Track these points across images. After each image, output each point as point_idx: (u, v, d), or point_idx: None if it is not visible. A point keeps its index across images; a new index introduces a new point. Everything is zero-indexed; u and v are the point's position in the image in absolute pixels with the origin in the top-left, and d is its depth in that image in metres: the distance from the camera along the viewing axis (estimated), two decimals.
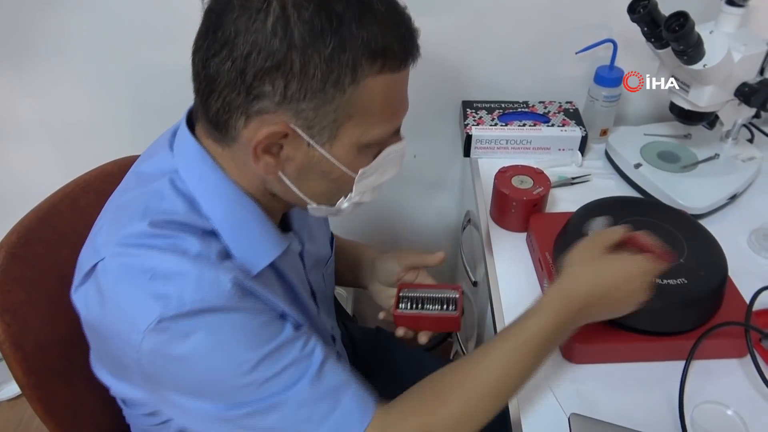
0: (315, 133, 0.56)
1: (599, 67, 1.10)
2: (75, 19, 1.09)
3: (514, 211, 0.93)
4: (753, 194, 1.04)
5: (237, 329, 0.57)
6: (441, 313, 0.83)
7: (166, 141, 0.64)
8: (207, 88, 0.55)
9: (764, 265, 0.90)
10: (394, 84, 0.57)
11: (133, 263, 0.56)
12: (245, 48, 0.51)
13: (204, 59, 0.54)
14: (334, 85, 0.53)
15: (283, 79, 0.52)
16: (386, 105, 0.58)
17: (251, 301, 0.59)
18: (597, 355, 0.76)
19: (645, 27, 0.86)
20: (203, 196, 0.60)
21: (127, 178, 0.67)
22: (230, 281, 0.56)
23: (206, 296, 0.55)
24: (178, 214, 0.59)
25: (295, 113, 0.54)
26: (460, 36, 1.12)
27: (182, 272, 0.55)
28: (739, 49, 0.86)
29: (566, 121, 1.11)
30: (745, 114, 1.00)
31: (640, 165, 1.02)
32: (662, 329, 0.74)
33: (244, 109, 0.54)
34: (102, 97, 1.20)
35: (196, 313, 0.54)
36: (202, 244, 0.57)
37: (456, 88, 1.19)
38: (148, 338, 0.54)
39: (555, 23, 1.11)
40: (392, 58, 0.55)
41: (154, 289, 0.54)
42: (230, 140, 0.58)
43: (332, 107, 0.54)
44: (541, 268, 0.86)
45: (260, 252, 0.63)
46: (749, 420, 0.69)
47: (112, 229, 0.60)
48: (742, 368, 0.75)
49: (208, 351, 0.55)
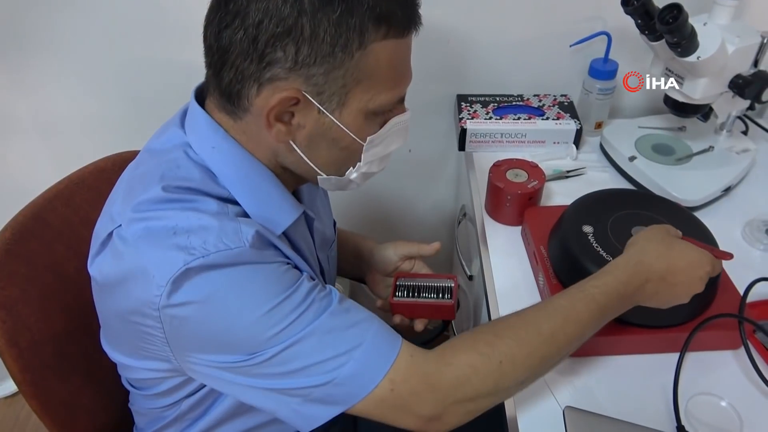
0: (325, 99, 0.58)
1: (593, 60, 1.10)
2: (68, 15, 1.08)
3: (508, 205, 0.93)
4: (747, 186, 1.04)
5: (259, 278, 0.57)
6: (436, 301, 0.84)
7: (177, 120, 0.65)
8: (220, 60, 0.57)
9: (758, 257, 0.91)
10: (398, 49, 0.59)
11: (153, 224, 0.56)
12: (257, 16, 0.53)
13: (216, 32, 0.56)
14: (342, 49, 0.55)
15: (294, 44, 0.54)
16: (391, 70, 0.60)
17: (271, 252, 0.60)
18: (592, 348, 0.76)
19: (639, 19, 0.86)
20: (218, 165, 0.62)
21: (140, 156, 0.68)
22: (252, 231, 0.57)
23: (229, 245, 0.55)
24: (195, 181, 0.60)
25: (306, 78, 0.56)
26: (454, 29, 1.12)
27: (204, 226, 0.56)
28: (732, 41, 0.86)
29: (561, 115, 1.11)
30: (740, 106, 1.00)
31: (635, 158, 1.02)
32: (656, 322, 0.74)
33: (257, 77, 0.56)
34: (96, 93, 1.19)
35: (219, 263, 0.55)
36: (220, 206, 0.59)
37: (450, 81, 1.19)
38: (172, 289, 0.54)
39: (549, 16, 1.10)
40: (396, 24, 0.57)
41: (178, 242, 0.55)
42: (242, 111, 0.59)
43: (341, 72, 0.56)
44: (536, 262, 0.86)
45: (278, 215, 0.64)
46: (743, 411, 0.69)
47: (127, 198, 0.60)
48: (737, 360, 0.76)
49: (232, 298, 0.56)
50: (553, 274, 0.81)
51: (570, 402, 0.69)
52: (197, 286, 0.54)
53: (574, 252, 0.77)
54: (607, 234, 0.79)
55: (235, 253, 0.55)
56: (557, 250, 0.81)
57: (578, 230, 0.79)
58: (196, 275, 0.54)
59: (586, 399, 0.71)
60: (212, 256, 0.54)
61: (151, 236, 0.56)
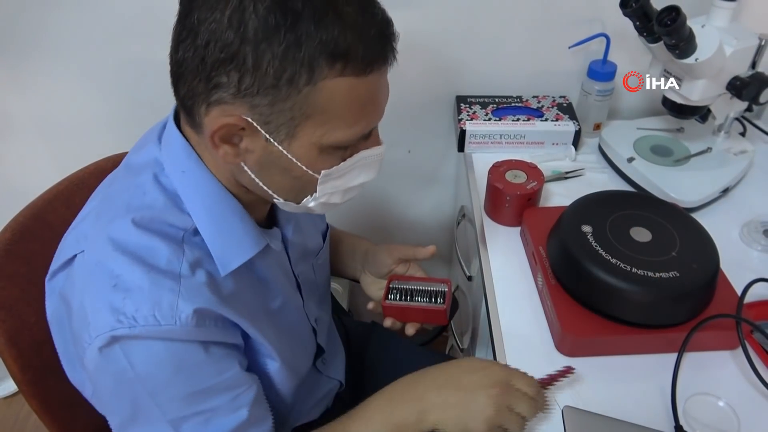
0: (272, 129, 0.55)
1: (592, 62, 1.10)
2: (68, 15, 1.08)
3: (508, 206, 0.94)
4: (745, 187, 1.04)
5: (179, 361, 0.58)
6: (428, 305, 0.83)
7: (156, 133, 0.65)
8: (177, 72, 0.55)
9: (756, 258, 0.91)
10: (359, 87, 0.55)
11: (105, 264, 0.57)
12: (205, 36, 0.51)
13: (175, 44, 0.54)
14: (288, 83, 0.52)
15: (237, 72, 0.51)
16: (350, 108, 0.56)
17: (205, 330, 0.59)
18: (590, 347, 0.76)
19: (637, 21, 0.86)
20: (185, 189, 0.61)
21: (119, 168, 0.68)
22: (189, 310, 0.57)
23: (159, 321, 0.55)
24: (158, 209, 0.60)
25: (251, 107, 0.54)
26: (453, 31, 1.12)
27: (142, 288, 0.56)
28: (730, 42, 0.86)
29: (560, 116, 1.12)
30: (737, 107, 1.00)
31: (633, 159, 1.03)
32: (655, 322, 0.75)
33: (205, 97, 0.54)
34: (95, 93, 1.19)
35: (144, 335, 0.55)
36: (174, 254, 0.58)
37: (450, 83, 1.19)
38: (94, 345, 0.55)
39: (548, 18, 1.11)
40: (355, 60, 0.53)
41: (113, 300, 0.55)
42: (197, 127, 0.58)
43: (288, 105, 0.53)
44: (534, 262, 0.86)
45: (237, 249, 0.63)
46: (741, 411, 0.70)
47: (97, 220, 0.61)
48: (734, 360, 0.76)
49: (144, 375, 0.57)
50: (552, 274, 0.81)
51: (569, 401, 0.70)
52: (116, 354, 0.56)
53: (573, 252, 0.77)
54: (606, 234, 0.79)
55: (163, 329, 0.55)
56: (556, 251, 0.82)
57: (577, 230, 0.80)
58: (118, 343, 0.55)
59: (585, 399, 0.71)
60: (139, 329, 0.55)
61: (98, 278, 0.57)
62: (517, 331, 0.81)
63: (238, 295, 0.64)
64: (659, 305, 0.73)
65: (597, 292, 0.75)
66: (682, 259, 0.76)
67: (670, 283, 0.72)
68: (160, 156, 0.63)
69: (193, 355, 0.58)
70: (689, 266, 0.74)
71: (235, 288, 0.63)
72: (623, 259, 0.75)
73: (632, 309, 0.73)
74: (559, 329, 0.75)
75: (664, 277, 0.73)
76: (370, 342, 1.08)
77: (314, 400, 0.89)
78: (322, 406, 0.91)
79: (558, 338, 0.77)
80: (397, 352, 1.07)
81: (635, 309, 0.73)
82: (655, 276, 0.73)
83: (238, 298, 0.64)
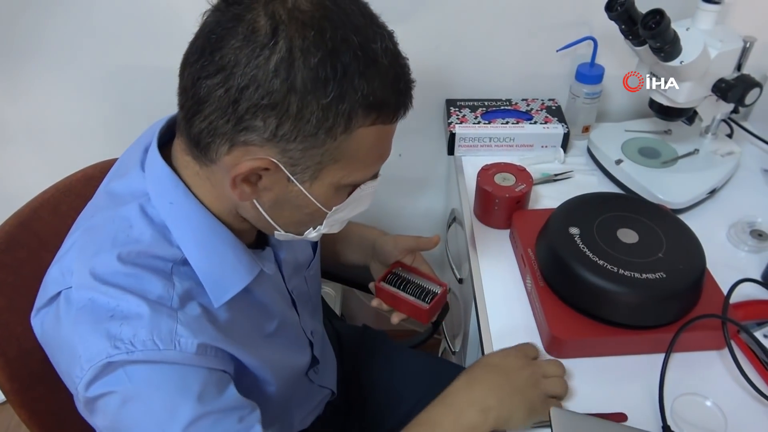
0: (298, 171, 0.56)
1: (580, 65, 1.11)
2: (57, 21, 1.08)
3: (497, 208, 0.94)
4: (732, 189, 1.05)
5: (183, 383, 0.56)
6: (415, 300, 0.84)
7: (138, 159, 0.63)
8: (194, 107, 0.54)
9: (743, 259, 0.92)
10: (384, 134, 0.58)
11: (98, 299, 0.56)
12: (243, 80, 0.50)
13: (195, 77, 0.52)
14: (326, 132, 0.52)
15: (277, 119, 0.51)
16: (373, 153, 0.58)
17: (205, 359, 0.58)
18: (579, 349, 0.76)
19: (622, 25, 0.87)
20: (174, 222, 0.60)
21: (98, 195, 0.66)
22: (189, 338, 0.56)
23: (158, 345, 0.54)
24: (145, 243, 0.58)
25: (282, 151, 0.54)
26: (443, 35, 1.13)
27: (140, 314, 0.55)
28: (715, 45, 0.87)
29: (549, 119, 1.12)
30: (724, 109, 1.01)
31: (621, 161, 1.03)
32: (642, 322, 0.75)
33: (230, 138, 0.53)
34: (84, 99, 1.19)
35: (141, 362, 0.54)
36: (164, 287, 0.57)
37: (440, 86, 1.20)
38: (89, 375, 0.54)
39: (536, 22, 1.11)
40: (387, 111, 0.55)
41: (110, 328, 0.54)
42: (209, 161, 0.57)
43: (320, 151, 0.54)
44: (523, 265, 0.86)
45: (230, 280, 0.62)
46: (728, 411, 0.70)
47: (81, 254, 0.59)
48: (722, 360, 0.76)
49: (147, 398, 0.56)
50: (541, 276, 0.81)
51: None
52: (114, 381, 0.54)
53: (561, 253, 0.77)
54: (594, 235, 0.79)
55: (163, 353, 0.55)
56: (544, 253, 0.82)
57: (565, 232, 0.80)
58: (115, 369, 0.54)
59: (574, 399, 0.72)
60: (137, 354, 0.54)
61: (92, 312, 0.55)
62: (506, 333, 0.81)
63: (233, 325, 0.63)
64: (646, 306, 0.73)
65: (584, 293, 0.75)
66: (668, 260, 0.76)
67: (656, 284, 0.73)
68: (144, 185, 0.61)
69: (196, 378, 0.57)
70: (676, 267, 0.75)
71: (230, 317, 0.62)
72: (610, 260, 0.75)
73: (619, 310, 0.74)
74: (547, 331, 0.76)
75: (651, 278, 0.73)
76: (362, 345, 1.09)
77: (306, 411, 0.89)
78: (314, 414, 0.91)
79: (546, 340, 0.77)
80: (389, 354, 1.07)
81: (622, 310, 0.74)
82: (641, 277, 0.73)
83: (234, 327, 0.63)
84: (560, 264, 0.77)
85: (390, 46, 0.54)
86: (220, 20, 0.52)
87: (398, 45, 0.56)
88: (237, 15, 0.51)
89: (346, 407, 1.00)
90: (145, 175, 0.61)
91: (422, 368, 1.05)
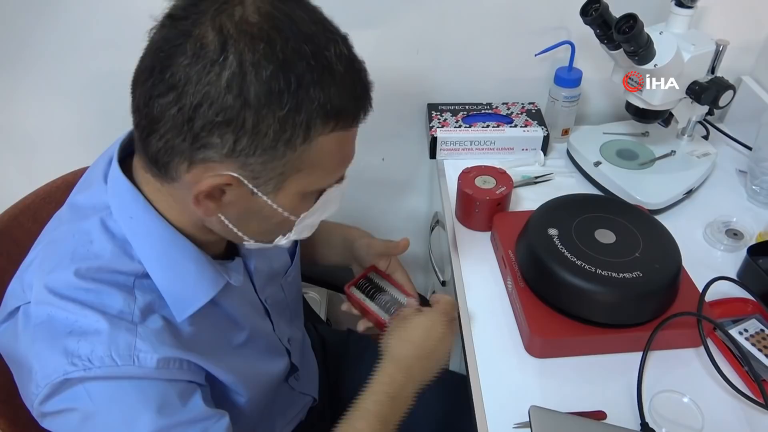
0: (260, 183, 0.55)
1: (558, 69, 1.12)
2: (40, 29, 1.07)
3: (477, 211, 0.95)
4: (708, 189, 1.07)
5: (143, 397, 0.56)
6: (378, 311, 0.84)
7: (101, 171, 0.62)
8: (149, 126, 0.52)
9: (719, 257, 0.93)
10: (345, 139, 0.57)
11: (56, 315, 0.55)
12: (196, 98, 0.49)
13: (147, 96, 0.51)
14: (285, 143, 0.52)
15: (233, 135, 0.50)
16: (335, 158, 0.58)
17: (167, 372, 0.57)
18: (558, 348, 0.78)
19: (597, 29, 0.88)
20: (135, 236, 0.59)
21: (64, 207, 0.65)
22: (148, 352, 0.55)
23: (116, 361, 0.54)
24: (105, 258, 0.57)
25: (242, 165, 0.53)
26: (423, 40, 1.14)
27: (98, 330, 0.54)
28: (688, 48, 0.89)
29: (529, 122, 1.14)
30: (699, 111, 1.03)
31: (600, 163, 1.05)
32: (620, 321, 0.76)
33: (188, 156, 0.52)
34: (64, 106, 1.19)
35: (99, 378, 0.54)
36: (125, 301, 0.57)
37: (421, 91, 1.21)
38: (45, 391, 0.54)
39: (515, 26, 1.13)
40: (346, 117, 0.54)
41: (67, 345, 0.54)
42: (170, 179, 0.56)
43: (281, 162, 0.53)
44: (504, 266, 0.87)
45: (192, 294, 0.61)
46: (704, 406, 0.72)
47: (40, 269, 0.59)
48: (698, 357, 0.78)
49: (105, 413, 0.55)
50: (521, 277, 0.82)
51: (537, 402, 0.70)
52: (72, 398, 0.54)
53: (540, 254, 0.79)
54: (572, 236, 0.80)
55: (121, 370, 0.54)
56: (524, 254, 0.83)
57: (544, 233, 0.81)
58: (73, 386, 0.54)
59: (554, 398, 0.73)
60: (95, 371, 0.53)
61: (49, 328, 0.55)
62: (488, 334, 0.82)
63: (197, 338, 0.62)
64: (623, 305, 0.75)
65: (563, 293, 0.76)
66: (644, 259, 0.77)
67: (633, 283, 0.74)
68: (106, 198, 0.60)
69: (156, 391, 0.56)
70: (652, 266, 0.76)
71: (194, 330, 0.61)
72: (588, 260, 0.77)
73: (597, 309, 0.75)
74: (527, 331, 0.77)
75: (628, 277, 0.75)
76: (347, 350, 1.09)
77: (287, 418, 0.88)
78: (296, 420, 0.91)
79: (527, 340, 0.78)
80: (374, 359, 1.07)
81: (600, 309, 0.75)
82: (618, 276, 0.75)
83: (199, 340, 0.62)
84: (539, 265, 0.79)
85: (344, 51, 0.53)
86: (168, 36, 0.50)
87: (353, 49, 0.55)
88: (184, 31, 0.49)
89: (330, 412, 1.00)
90: (107, 187, 0.61)
91: None
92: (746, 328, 0.80)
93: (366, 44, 0.60)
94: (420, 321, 0.76)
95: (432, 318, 0.77)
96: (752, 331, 0.80)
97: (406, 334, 0.75)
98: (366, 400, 0.69)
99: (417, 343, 0.74)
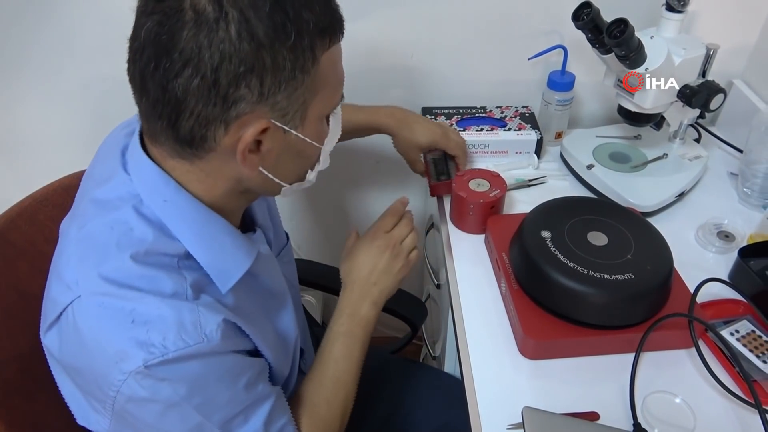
0: (289, 120, 0.58)
1: (551, 72, 1.13)
2: (33, 32, 1.08)
3: (471, 214, 0.96)
4: (700, 192, 1.08)
5: (217, 373, 0.59)
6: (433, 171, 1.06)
7: (118, 164, 0.63)
8: (175, 110, 0.54)
9: (711, 259, 0.94)
10: (338, 53, 0.61)
11: (112, 303, 0.56)
12: (215, 60, 0.51)
13: (164, 83, 0.53)
14: (301, 70, 0.55)
15: (258, 79, 0.53)
16: (337, 74, 0.62)
17: (230, 342, 0.60)
18: (551, 350, 0.78)
19: (589, 33, 0.89)
20: (170, 219, 0.60)
21: (84, 206, 0.65)
22: (212, 324, 0.58)
23: (188, 342, 0.56)
24: (149, 242, 0.59)
25: (272, 107, 0.56)
26: (418, 44, 1.15)
27: (162, 317, 0.56)
28: (678, 53, 0.90)
29: (522, 125, 1.14)
30: (690, 115, 1.04)
31: (593, 166, 1.06)
32: (612, 323, 0.77)
33: (223, 119, 0.55)
34: (61, 109, 1.19)
35: (178, 360, 0.55)
36: (176, 282, 0.59)
37: (416, 95, 1.22)
38: (131, 381, 0.55)
39: (509, 30, 1.14)
40: (334, 30, 0.58)
41: (137, 335, 0.55)
42: (205, 152, 0.58)
43: (302, 90, 0.57)
44: (498, 269, 0.88)
45: (232, 266, 0.64)
46: (696, 407, 0.72)
47: (84, 263, 0.59)
48: (690, 358, 0.78)
49: (188, 394, 0.57)
50: (515, 279, 0.83)
51: (530, 403, 0.71)
52: (156, 381, 0.56)
53: (533, 256, 0.79)
54: (564, 239, 0.81)
55: (194, 349, 0.56)
56: (517, 256, 0.84)
57: (537, 236, 0.82)
58: (156, 371, 0.55)
59: (547, 400, 0.73)
60: (171, 354, 0.55)
61: (110, 318, 0.56)
62: (482, 336, 0.82)
63: (241, 308, 0.65)
64: (615, 306, 0.75)
65: (556, 295, 0.77)
66: (636, 261, 0.78)
67: (625, 285, 0.75)
68: (133, 188, 0.61)
69: (228, 362, 0.60)
70: (643, 268, 0.77)
71: (237, 302, 0.64)
72: (580, 262, 0.77)
73: (590, 311, 0.76)
74: (521, 333, 0.77)
75: (620, 279, 0.75)
76: None
77: None
78: None
79: (520, 342, 0.79)
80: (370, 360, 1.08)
81: (593, 311, 0.76)
82: (610, 278, 0.75)
83: (243, 310, 0.65)
84: (532, 267, 0.79)
85: None
86: (161, 20, 0.51)
87: None
88: (174, 8, 0.51)
89: None
90: (131, 177, 0.62)
91: (402, 373, 1.06)
92: (737, 329, 0.81)
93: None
94: (358, 247, 0.86)
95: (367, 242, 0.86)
96: (743, 332, 0.81)
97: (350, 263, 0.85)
98: (334, 323, 0.81)
99: (359, 266, 0.84)
